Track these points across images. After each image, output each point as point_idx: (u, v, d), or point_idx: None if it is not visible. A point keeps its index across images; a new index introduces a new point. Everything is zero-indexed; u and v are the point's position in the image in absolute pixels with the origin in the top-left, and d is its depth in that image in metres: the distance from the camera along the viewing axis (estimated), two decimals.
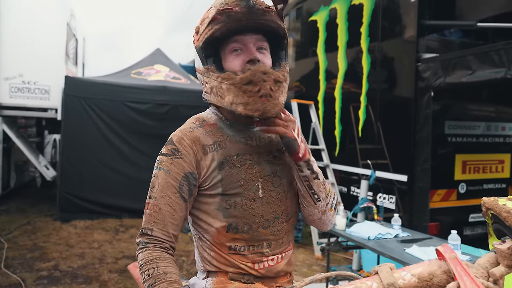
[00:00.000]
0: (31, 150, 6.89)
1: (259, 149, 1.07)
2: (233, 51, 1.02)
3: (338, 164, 5.50)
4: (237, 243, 1.01)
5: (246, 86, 0.96)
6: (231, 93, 0.98)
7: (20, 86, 6.26)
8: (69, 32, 7.17)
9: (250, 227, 1.01)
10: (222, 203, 1.00)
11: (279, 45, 1.07)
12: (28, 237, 4.82)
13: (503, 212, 0.71)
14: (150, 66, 7.08)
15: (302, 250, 4.85)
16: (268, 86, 0.96)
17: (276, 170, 1.07)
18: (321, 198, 1.08)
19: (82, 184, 5.65)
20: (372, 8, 4.81)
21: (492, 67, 3.36)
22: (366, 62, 4.94)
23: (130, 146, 5.88)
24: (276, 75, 0.99)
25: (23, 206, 6.44)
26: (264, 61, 1.02)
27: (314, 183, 1.06)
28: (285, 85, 1.03)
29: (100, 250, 4.46)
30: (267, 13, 0.99)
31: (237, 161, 1.03)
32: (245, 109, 0.97)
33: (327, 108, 5.78)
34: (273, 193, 1.05)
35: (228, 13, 0.97)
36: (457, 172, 4.66)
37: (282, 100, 1.01)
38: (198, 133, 1.04)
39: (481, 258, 0.72)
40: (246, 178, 1.02)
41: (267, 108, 0.96)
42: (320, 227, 1.17)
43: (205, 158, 1.01)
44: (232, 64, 1.01)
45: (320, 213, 1.11)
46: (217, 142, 1.04)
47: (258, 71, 0.96)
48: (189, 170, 0.99)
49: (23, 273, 3.71)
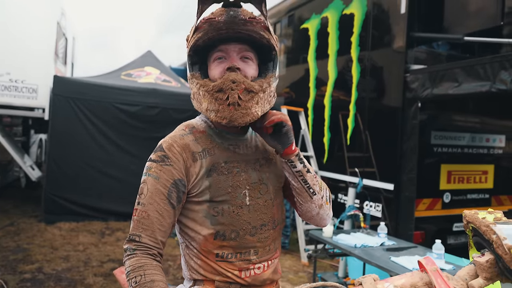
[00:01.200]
0: (16, 149, 6.78)
1: (246, 157, 1.08)
2: (216, 59, 1.04)
3: (326, 171, 5.55)
4: (224, 251, 1.02)
5: (217, 94, 0.99)
6: (206, 100, 1.01)
7: (7, 85, 6.16)
8: (59, 31, 7.10)
9: (237, 234, 1.02)
10: (210, 210, 1.01)
11: (267, 56, 1.08)
12: (11, 239, 4.73)
13: (483, 226, 0.74)
14: (141, 68, 7.05)
15: (289, 257, 4.86)
16: (236, 95, 0.97)
17: (263, 178, 1.09)
18: (316, 192, 1.10)
19: (68, 186, 5.58)
20: (363, 18, 4.89)
21: (477, 80, 3.44)
22: (356, 71, 5.01)
23: (118, 148, 5.83)
24: (248, 84, 0.99)
25: (6, 206, 6.33)
26: (245, 69, 1.03)
27: (307, 176, 1.08)
28: (263, 95, 1.02)
29: (85, 253, 4.41)
30: (250, 23, 1.01)
31: (225, 168, 1.04)
32: (216, 116, 1.00)
33: (317, 116, 5.84)
34: (260, 200, 1.06)
35: (211, 22, 1.00)
36: (442, 181, 4.75)
37: (257, 110, 1.00)
38: (188, 140, 1.05)
39: (461, 270, 0.75)
40: (234, 186, 1.03)
41: (234, 116, 0.98)
42: (319, 222, 1.17)
43: (194, 165, 1.02)
44: (214, 71, 1.04)
45: (318, 208, 1.12)
46: (206, 149, 1.05)
47: (228, 80, 0.98)
48: (179, 177, 1.00)
49: (6, 275, 3.64)
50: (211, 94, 0.99)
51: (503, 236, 0.70)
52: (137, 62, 7.37)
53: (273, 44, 1.06)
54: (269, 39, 1.04)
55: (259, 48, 1.06)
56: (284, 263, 4.57)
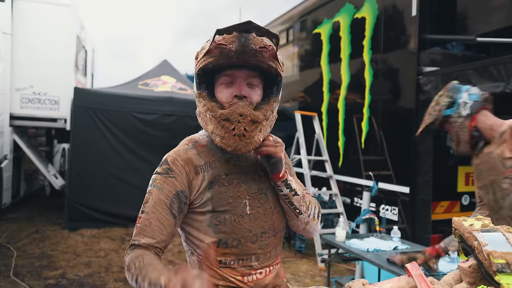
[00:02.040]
0: (41, 159, 7.05)
1: (246, 169, 1.15)
2: (224, 83, 1.10)
3: (341, 175, 5.54)
4: (227, 257, 1.08)
5: (223, 122, 1.05)
6: (212, 123, 1.08)
7: (30, 97, 6.43)
8: (79, 44, 7.36)
9: (239, 242, 1.08)
10: (212, 219, 1.08)
11: (272, 81, 1.14)
12: (37, 246, 4.92)
13: (466, 232, 0.77)
14: (157, 77, 7.22)
15: (306, 261, 4.88)
16: (242, 128, 1.04)
17: (262, 188, 1.15)
18: (302, 212, 1.17)
19: (89, 193, 5.76)
20: (374, 22, 4.90)
21: (491, 81, 3.41)
22: (369, 74, 5.01)
23: (137, 156, 5.99)
24: (253, 116, 1.05)
25: (32, 214, 6.58)
26: (251, 96, 1.09)
27: (294, 199, 1.15)
28: (266, 123, 1.09)
29: (106, 259, 4.54)
30: (260, 53, 1.05)
31: (226, 180, 1.11)
32: (221, 142, 1.07)
33: (331, 120, 5.85)
34: (260, 209, 1.12)
35: (222, 48, 1.04)
36: (460, 184, 4.68)
37: (259, 137, 1.08)
38: (191, 154, 1.12)
39: (447, 275, 0.79)
40: (234, 196, 1.10)
41: (238, 146, 1.05)
42: (306, 235, 1.27)
43: (197, 178, 1.09)
44: (221, 95, 1.10)
45: (304, 224, 1.20)
46: (208, 163, 1.12)
47: (235, 112, 1.04)
48: (181, 189, 1.07)
49: (31, 281, 3.80)
50: (218, 121, 1.06)
51: (484, 243, 0.73)
52: (154, 71, 7.55)
53: (279, 72, 1.11)
54: (276, 68, 1.10)
55: (265, 72, 1.12)
56: (300, 268, 4.59)
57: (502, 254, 0.70)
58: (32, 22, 6.36)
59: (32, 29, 6.34)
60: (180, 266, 0.81)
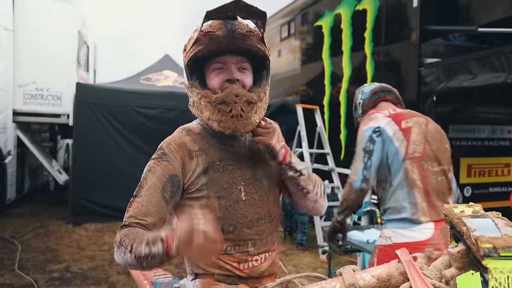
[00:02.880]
0: (45, 155, 7.09)
1: (240, 155, 1.16)
2: (215, 70, 1.11)
3: (343, 168, 5.53)
4: (223, 243, 1.09)
5: (220, 106, 1.06)
6: (208, 109, 1.09)
7: (33, 93, 6.47)
8: (81, 40, 7.37)
9: (235, 228, 1.09)
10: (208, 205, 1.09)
11: (261, 65, 1.15)
12: (41, 240, 4.97)
13: (455, 218, 0.77)
14: (159, 72, 7.23)
15: (308, 253, 4.90)
16: (239, 108, 1.05)
17: (257, 175, 1.16)
18: (310, 191, 1.18)
19: (93, 188, 5.80)
20: (376, 14, 4.87)
21: (492, 72, 3.38)
22: (370, 66, 4.99)
23: (139, 150, 6.01)
24: (248, 96, 1.07)
25: (36, 209, 6.63)
26: (243, 80, 1.10)
27: (300, 179, 1.16)
28: (260, 104, 1.11)
29: (109, 253, 4.58)
30: (248, 37, 1.08)
31: (220, 166, 1.12)
32: (218, 126, 1.08)
33: (333, 113, 5.84)
34: (255, 195, 1.13)
35: (210, 35, 1.06)
36: (462, 175, 4.67)
37: (255, 118, 1.09)
38: (186, 139, 1.14)
39: (437, 261, 0.79)
40: (229, 182, 1.11)
41: (237, 127, 1.06)
42: (315, 213, 1.28)
43: (191, 162, 1.10)
44: (213, 82, 1.11)
45: (313, 203, 1.22)
46: (202, 149, 1.13)
47: (231, 93, 1.05)
48: (174, 173, 1.07)
49: (36, 274, 3.84)
50: (214, 105, 1.07)
51: (473, 228, 0.74)
52: (156, 66, 7.56)
53: (267, 55, 1.13)
54: (264, 51, 1.12)
55: (253, 57, 1.13)
56: (302, 260, 4.61)
57: (490, 239, 0.70)
58: (34, 18, 6.37)
59: (33, 25, 6.36)
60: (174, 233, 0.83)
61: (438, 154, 1.89)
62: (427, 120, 1.98)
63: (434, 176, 1.85)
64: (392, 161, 1.86)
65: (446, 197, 1.87)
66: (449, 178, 1.91)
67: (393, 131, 1.89)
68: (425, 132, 1.91)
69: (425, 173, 1.83)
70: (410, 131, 1.88)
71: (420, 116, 1.99)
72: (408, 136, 1.87)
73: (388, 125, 1.91)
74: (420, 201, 1.81)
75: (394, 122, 1.92)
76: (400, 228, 1.82)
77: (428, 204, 1.81)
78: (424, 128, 1.92)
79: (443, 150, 1.92)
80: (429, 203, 1.81)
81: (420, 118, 1.97)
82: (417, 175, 1.83)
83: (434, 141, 1.91)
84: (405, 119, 1.92)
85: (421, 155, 1.85)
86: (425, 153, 1.85)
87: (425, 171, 1.84)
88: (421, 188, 1.82)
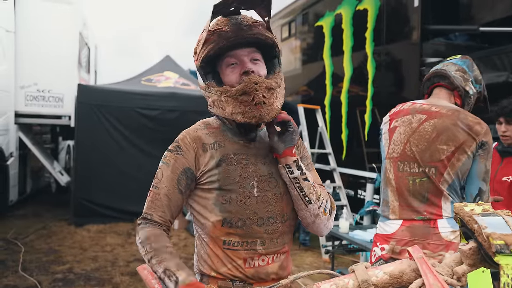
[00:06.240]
0: (46, 156, 7.10)
1: (256, 151, 1.15)
2: (229, 66, 1.11)
3: (345, 167, 5.55)
4: (231, 238, 1.09)
5: (241, 97, 1.06)
6: (230, 104, 1.08)
7: (35, 95, 6.48)
8: (82, 41, 7.38)
9: (244, 223, 1.08)
10: (219, 198, 1.09)
11: (271, 54, 1.16)
12: (44, 241, 4.98)
13: (466, 216, 0.79)
14: (160, 73, 7.24)
15: (310, 253, 4.91)
16: (260, 95, 1.05)
17: (272, 172, 1.14)
18: (312, 201, 1.11)
19: (95, 189, 5.81)
20: (377, 13, 4.88)
21: (494, 71, 3.40)
22: (371, 66, 5.00)
23: (140, 151, 6.03)
24: (267, 83, 1.07)
25: (39, 211, 6.64)
26: (258, 71, 1.10)
27: (304, 184, 1.11)
28: (279, 90, 1.11)
29: (112, 254, 4.59)
30: (254, 27, 1.09)
31: (234, 159, 1.12)
32: (243, 117, 1.07)
33: (334, 112, 5.85)
34: (268, 193, 1.11)
35: (219, 32, 1.08)
36: None
37: (278, 104, 1.09)
38: (201, 133, 1.15)
39: (448, 258, 0.80)
40: (242, 176, 1.10)
41: (263, 114, 1.05)
42: (316, 231, 1.19)
43: (204, 155, 1.12)
44: (229, 77, 1.11)
45: (313, 217, 1.13)
46: (217, 142, 1.14)
47: (250, 82, 1.05)
48: (188, 166, 1.10)
49: (39, 276, 3.85)
50: (235, 98, 1.07)
51: (484, 225, 0.75)
52: (157, 67, 7.57)
53: (276, 42, 1.14)
54: (273, 38, 1.13)
55: (262, 47, 1.14)
56: (305, 260, 4.62)
57: (501, 236, 0.72)
58: (35, 20, 6.39)
59: (35, 27, 6.37)
60: (196, 284, 0.89)
61: (421, 156, 1.77)
62: (428, 118, 1.81)
63: (411, 177, 1.79)
64: (382, 159, 1.98)
65: (433, 198, 1.74)
66: (438, 179, 1.74)
67: (384, 131, 1.98)
68: (412, 132, 1.82)
69: (400, 174, 1.83)
70: (394, 131, 1.90)
71: (424, 112, 1.83)
72: (391, 136, 1.91)
73: (384, 125, 2.00)
74: (392, 200, 1.85)
75: (389, 121, 1.97)
76: (380, 221, 1.95)
77: (399, 204, 1.82)
78: (414, 127, 1.82)
79: (433, 151, 1.75)
80: (401, 202, 1.82)
81: (419, 115, 1.83)
82: (392, 175, 1.86)
83: (421, 142, 1.78)
84: (397, 117, 1.92)
85: (398, 156, 1.85)
86: (403, 154, 1.83)
87: (401, 172, 1.83)
88: (394, 188, 1.85)
